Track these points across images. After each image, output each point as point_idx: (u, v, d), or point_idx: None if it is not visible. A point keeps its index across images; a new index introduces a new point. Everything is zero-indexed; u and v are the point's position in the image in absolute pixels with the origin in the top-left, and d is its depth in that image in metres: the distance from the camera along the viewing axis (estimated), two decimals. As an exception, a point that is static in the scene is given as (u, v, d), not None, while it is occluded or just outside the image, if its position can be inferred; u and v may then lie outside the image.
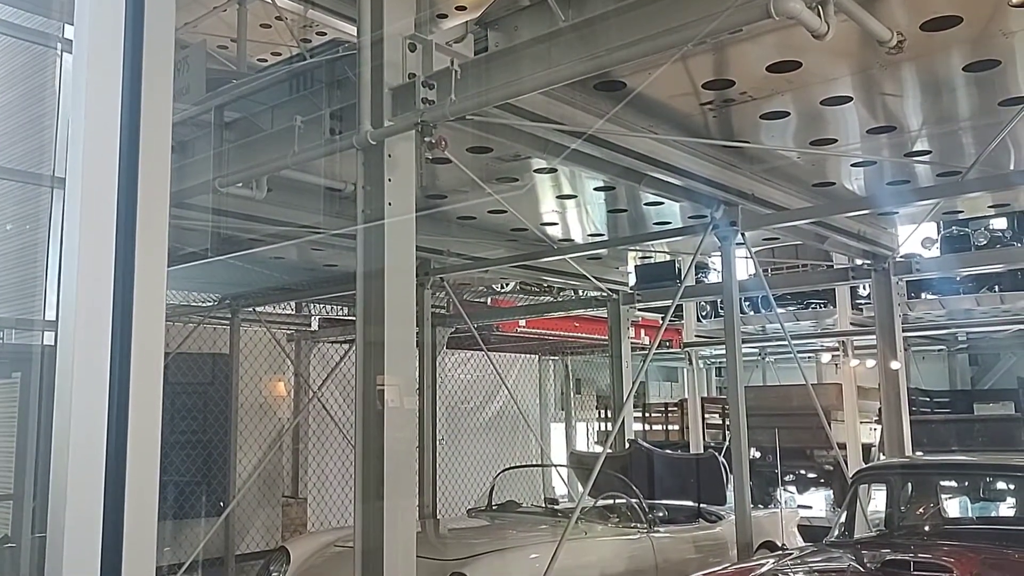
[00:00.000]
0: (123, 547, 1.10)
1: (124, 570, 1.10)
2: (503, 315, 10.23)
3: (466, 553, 5.32)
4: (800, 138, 5.13)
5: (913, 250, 9.05)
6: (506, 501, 7.52)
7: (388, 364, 3.62)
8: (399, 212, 3.76)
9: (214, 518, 8.24)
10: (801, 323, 14.79)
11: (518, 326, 10.80)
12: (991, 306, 13.28)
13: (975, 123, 4.90)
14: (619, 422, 8.43)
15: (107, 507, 1.09)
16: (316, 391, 9.27)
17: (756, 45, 3.82)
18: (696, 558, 6.34)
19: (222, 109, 4.92)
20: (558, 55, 3.43)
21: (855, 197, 6.43)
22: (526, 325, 10.89)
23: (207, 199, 4.94)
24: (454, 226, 6.94)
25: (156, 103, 1.20)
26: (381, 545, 3.51)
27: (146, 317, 1.14)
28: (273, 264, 7.84)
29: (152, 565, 1.15)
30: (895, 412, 7.26)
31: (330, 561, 5.72)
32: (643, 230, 7.41)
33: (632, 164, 4.87)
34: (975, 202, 7.22)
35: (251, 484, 8.77)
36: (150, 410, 1.14)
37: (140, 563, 1.12)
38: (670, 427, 15.61)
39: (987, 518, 6.59)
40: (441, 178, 5.66)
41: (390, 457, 3.57)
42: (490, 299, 10.30)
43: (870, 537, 5.34)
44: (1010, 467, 6.13)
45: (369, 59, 3.88)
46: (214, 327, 9.49)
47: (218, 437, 9.39)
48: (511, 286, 10.20)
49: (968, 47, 3.88)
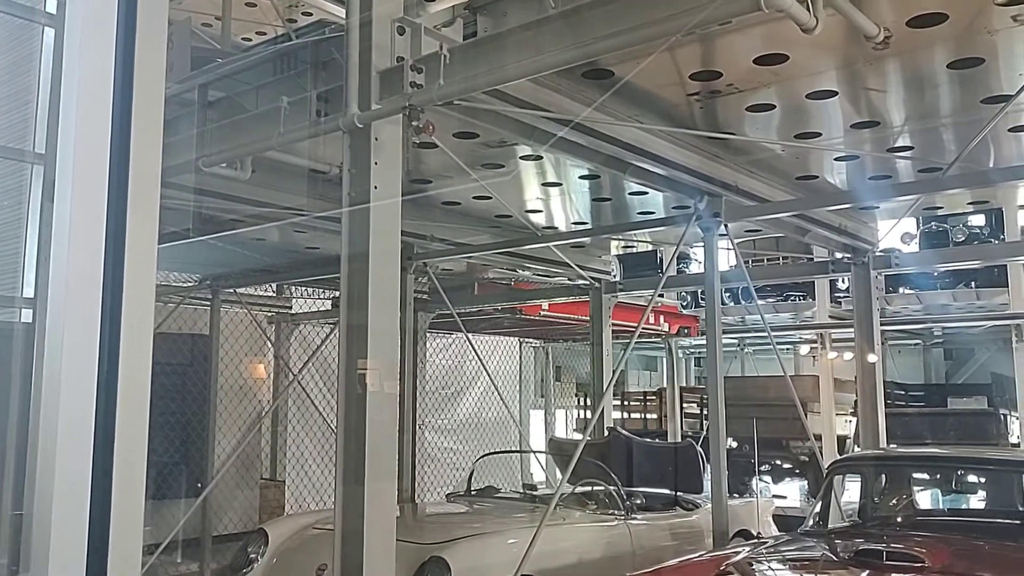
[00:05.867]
0: (110, 526, 1.10)
1: (111, 549, 1.10)
2: (485, 300, 10.22)
3: (445, 537, 5.35)
4: (784, 131, 5.16)
5: (892, 245, 9.13)
6: (485, 486, 7.56)
7: (371, 348, 3.62)
8: (385, 196, 3.75)
9: (192, 499, 8.21)
10: (780, 315, 14.92)
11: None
12: (967, 302, 13.45)
13: (957, 120, 4.95)
14: (599, 410, 8.48)
15: (95, 486, 1.09)
16: (296, 374, 9.25)
17: (743, 37, 3.83)
18: (672, 545, 6.41)
19: (206, 88, 4.88)
20: (547, 42, 3.43)
21: (837, 191, 6.49)
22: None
23: (190, 179, 4.90)
24: (438, 211, 6.93)
25: (148, 82, 1.20)
26: (361, 528, 3.52)
27: (136, 297, 1.14)
28: (255, 245, 7.79)
29: (139, 544, 1.15)
30: (871, 404, 7.35)
31: (308, 543, 5.73)
32: (627, 219, 7.43)
33: (617, 153, 4.88)
34: (954, 199, 7.30)
35: (229, 466, 8.74)
36: (139, 389, 1.14)
37: (127, 542, 1.13)
38: (649, 416, 15.73)
39: (958, 510, 6.71)
40: (426, 162, 5.64)
41: (371, 441, 3.58)
42: (475, 286, 10.27)
43: (844, 527, 5.41)
44: (981, 460, 6.23)
45: (357, 41, 3.86)
46: (194, 308, 9.43)
47: (197, 418, 9.35)
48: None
49: (952, 44, 3.91)
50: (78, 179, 1.13)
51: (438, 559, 4.99)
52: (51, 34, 1.39)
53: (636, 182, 5.65)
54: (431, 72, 3.63)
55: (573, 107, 4.24)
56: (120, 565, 1.14)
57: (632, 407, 16.13)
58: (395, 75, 3.75)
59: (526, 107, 4.07)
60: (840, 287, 13.67)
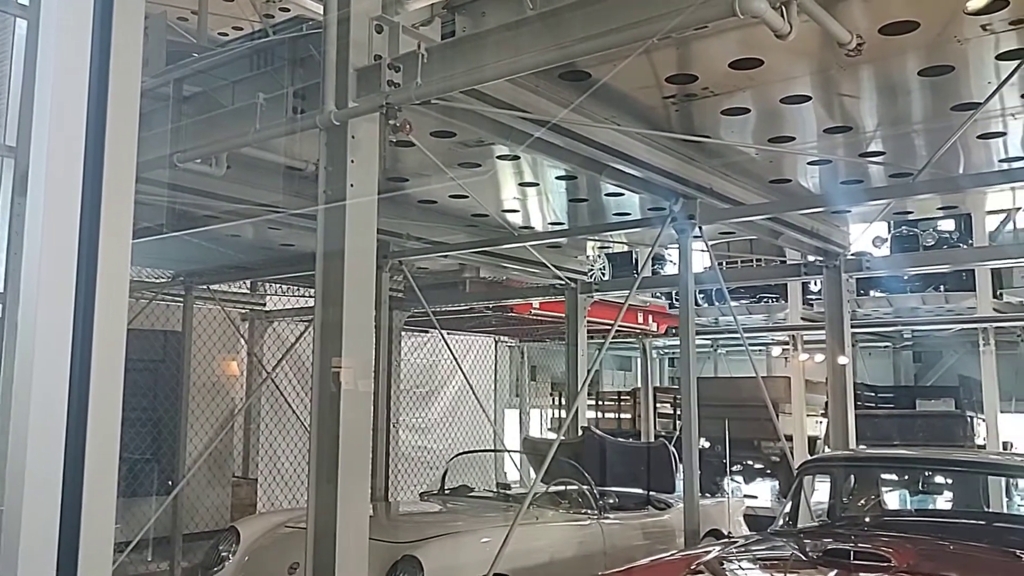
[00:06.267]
0: (81, 523, 1.10)
1: (82, 547, 1.10)
2: (464, 299, 10.21)
3: (417, 536, 5.35)
4: (759, 135, 5.22)
5: (864, 248, 9.25)
6: (459, 485, 7.56)
7: (345, 346, 3.61)
8: (361, 194, 3.75)
9: (163, 497, 8.14)
10: (753, 316, 15.07)
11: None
12: (936, 305, 13.66)
13: (927, 127, 5.03)
14: (573, 409, 8.51)
15: (66, 483, 1.08)
16: (270, 372, 9.19)
17: (719, 41, 3.87)
18: (644, 544, 6.45)
19: (181, 83, 4.84)
20: (524, 43, 3.44)
21: (810, 195, 6.56)
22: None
23: (164, 174, 4.86)
24: (414, 209, 6.92)
25: (124, 76, 1.19)
26: (334, 527, 3.51)
27: (109, 292, 1.13)
28: (229, 242, 7.74)
29: (110, 541, 1.15)
30: (841, 406, 7.44)
31: (280, 541, 5.70)
32: (603, 220, 7.47)
33: (594, 154, 4.91)
34: (925, 204, 7.41)
35: (201, 464, 8.67)
36: (111, 386, 1.13)
37: (98, 540, 1.12)
38: (623, 416, 15.82)
39: (925, 510, 6.81)
40: (403, 161, 5.64)
41: (345, 439, 3.57)
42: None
43: (813, 527, 5.48)
44: (948, 462, 6.33)
45: (334, 38, 3.84)
46: (167, 304, 9.35)
47: (168, 415, 9.27)
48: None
49: (924, 52, 3.98)
50: (51, 173, 1.13)
51: (411, 558, 4.99)
52: (23, 26, 1.38)
53: (612, 183, 5.68)
54: (409, 71, 3.63)
55: (550, 108, 4.25)
56: (91, 563, 1.14)
57: (606, 407, 16.21)
58: (372, 73, 3.75)
59: (503, 107, 4.08)
60: (812, 290, 13.83)
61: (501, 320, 11.33)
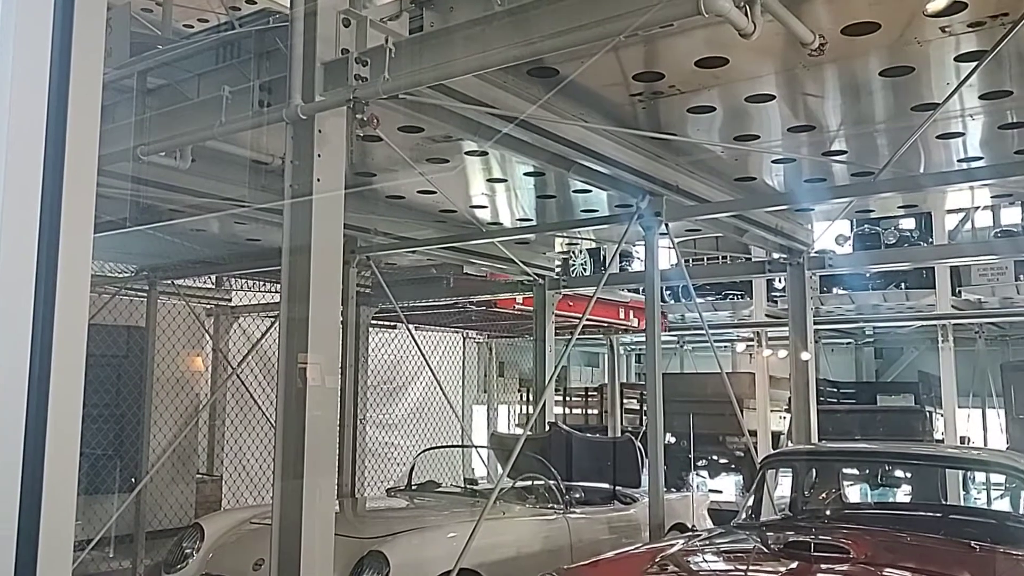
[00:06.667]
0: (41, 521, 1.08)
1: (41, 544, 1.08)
2: (428, 294, 10.18)
3: (384, 531, 5.35)
4: (725, 133, 5.27)
5: (827, 246, 9.39)
6: (426, 481, 7.56)
7: (312, 342, 3.59)
8: (328, 188, 3.73)
9: (125, 494, 8.03)
10: (719, 313, 15.23)
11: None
12: (897, 303, 13.90)
13: (889, 126, 5.12)
14: (540, 405, 8.54)
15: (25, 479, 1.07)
16: (235, 368, 9.11)
17: (685, 40, 3.91)
18: (610, 539, 6.50)
19: (145, 75, 4.77)
20: (492, 39, 3.44)
21: (774, 193, 6.64)
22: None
23: (127, 167, 4.80)
24: (382, 205, 6.89)
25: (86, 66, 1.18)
26: (299, 523, 3.50)
27: (70, 287, 1.12)
28: (194, 236, 7.65)
29: (70, 539, 1.14)
30: (804, 401, 7.54)
31: (245, 538, 5.66)
32: (571, 217, 7.50)
33: (562, 151, 4.93)
34: (886, 202, 7.53)
35: (165, 461, 8.57)
36: (72, 382, 1.12)
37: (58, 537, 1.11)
38: (590, 411, 15.90)
39: (884, 503, 6.94)
40: (371, 155, 5.61)
41: (311, 435, 3.55)
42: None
43: (775, 520, 5.56)
44: (907, 456, 6.46)
45: (301, 32, 3.82)
46: (130, 299, 9.22)
47: (131, 412, 9.14)
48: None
49: (885, 52, 4.04)
50: (10, 165, 1.11)
51: (377, 553, 4.98)
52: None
53: (580, 180, 5.71)
54: (376, 65, 3.61)
55: (519, 104, 4.26)
56: (50, 561, 1.13)
57: (574, 403, 16.29)
58: (340, 67, 3.72)
59: (472, 103, 4.08)
60: (777, 287, 14.01)
61: (483, 315, 11.28)
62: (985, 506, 10.44)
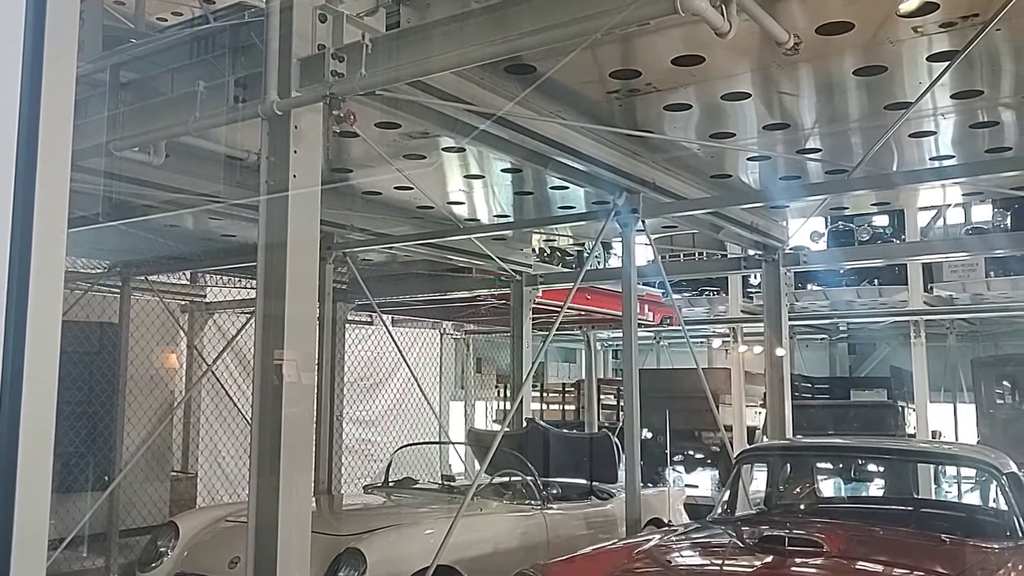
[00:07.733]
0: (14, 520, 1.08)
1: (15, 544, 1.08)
2: (405, 291, 10.15)
3: (361, 528, 5.34)
4: (701, 130, 5.30)
5: (802, 243, 9.48)
6: (403, 478, 7.55)
7: (288, 339, 3.58)
8: (304, 184, 3.71)
9: (98, 492, 7.95)
10: (695, 309, 15.32)
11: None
12: (870, 299, 14.05)
13: (862, 125, 5.18)
14: (517, 401, 8.55)
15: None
16: (210, 364, 9.04)
17: (662, 38, 3.93)
18: (587, 534, 6.53)
19: (118, 69, 4.72)
20: (470, 36, 3.45)
21: (750, 190, 6.70)
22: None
23: (100, 162, 4.74)
24: (359, 201, 6.86)
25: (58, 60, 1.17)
26: (275, 520, 3.48)
27: (43, 283, 1.11)
28: (168, 232, 7.58)
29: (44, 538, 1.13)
30: (778, 397, 7.61)
31: (220, 536, 5.63)
32: (548, 214, 7.51)
33: (539, 148, 4.93)
34: (860, 200, 7.62)
35: (139, 458, 8.49)
36: (45, 379, 1.11)
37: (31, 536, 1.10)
38: (567, 407, 15.94)
39: (858, 497, 7.02)
40: (347, 152, 5.59)
41: (287, 432, 3.54)
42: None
43: (750, 515, 5.61)
44: (880, 450, 6.54)
45: (277, 27, 3.79)
46: (103, 295, 9.11)
47: (104, 409, 9.03)
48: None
49: (859, 52, 4.09)
50: (-17, 162, 1.10)
51: (354, 550, 4.97)
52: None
53: (557, 177, 5.72)
54: (353, 61, 3.60)
55: (496, 101, 4.26)
56: (24, 560, 1.12)
57: (551, 399, 16.33)
58: (316, 63, 3.71)
59: (449, 99, 4.08)
60: (752, 283, 14.10)
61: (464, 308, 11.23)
62: (956, 500, 10.60)
